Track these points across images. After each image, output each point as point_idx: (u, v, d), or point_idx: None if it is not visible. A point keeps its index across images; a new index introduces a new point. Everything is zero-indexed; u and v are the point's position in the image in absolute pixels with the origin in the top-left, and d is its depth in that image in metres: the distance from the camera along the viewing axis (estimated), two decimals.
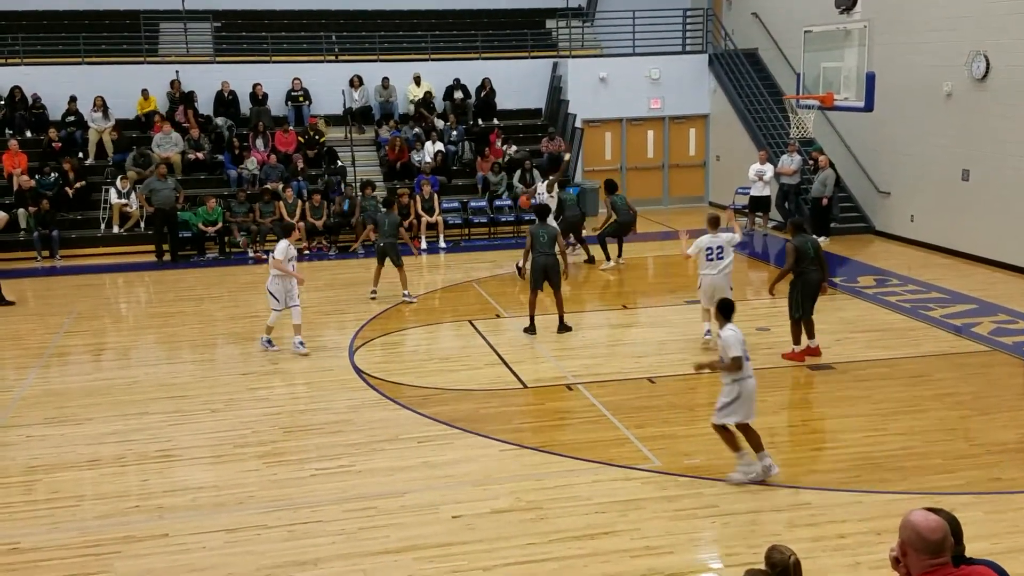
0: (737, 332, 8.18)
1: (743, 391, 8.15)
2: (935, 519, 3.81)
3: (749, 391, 8.19)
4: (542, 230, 12.91)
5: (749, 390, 8.19)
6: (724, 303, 8.47)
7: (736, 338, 8.11)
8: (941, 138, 17.42)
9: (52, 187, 19.30)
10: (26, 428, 10.00)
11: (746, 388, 8.16)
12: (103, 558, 7.26)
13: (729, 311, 8.35)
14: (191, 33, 23.05)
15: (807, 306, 11.48)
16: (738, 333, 8.18)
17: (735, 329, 8.20)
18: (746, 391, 8.16)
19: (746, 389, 8.16)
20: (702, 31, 24.36)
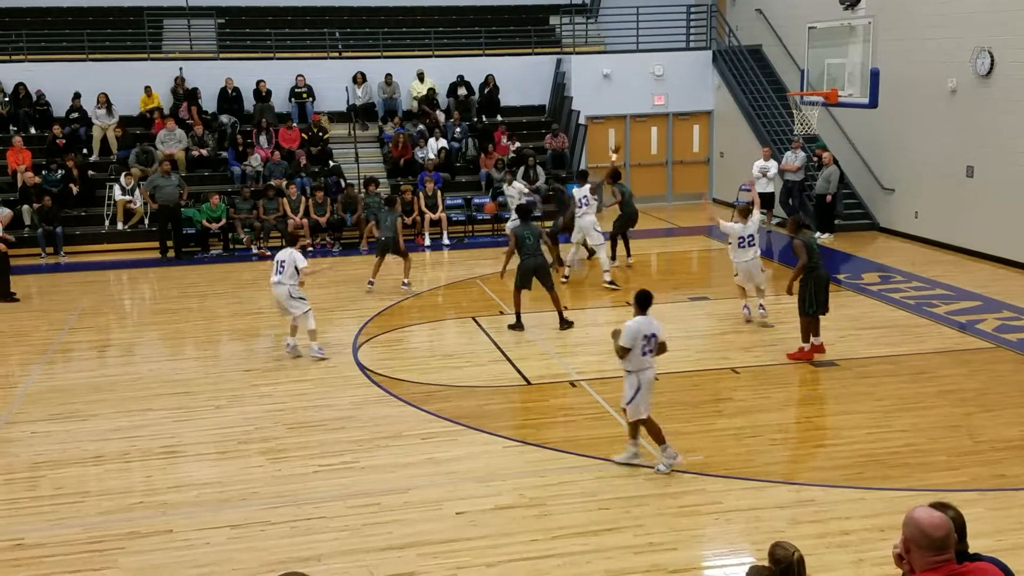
0: (642, 325, 8.23)
1: (642, 382, 8.30)
2: (938, 516, 3.81)
3: (647, 382, 8.35)
4: (527, 231, 12.83)
5: (647, 381, 8.35)
6: (642, 294, 8.50)
7: (636, 329, 8.18)
8: (945, 134, 17.39)
9: (57, 184, 19.33)
10: (30, 424, 10.02)
11: (644, 379, 8.33)
12: (107, 554, 7.28)
13: (645, 302, 8.41)
14: (195, 30, 23.06)
15: (821, 300, 11.36)
16: (643, 326, 8.23)
17: (640, 321, 8.26)
18: (645, 382, 8.33)
19: (644, 380, 8.33)
20: (706, 27, 24.33)
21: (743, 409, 10.03)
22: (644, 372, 8.31)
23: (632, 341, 8.17)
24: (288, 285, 11.80)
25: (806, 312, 11.37)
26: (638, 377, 8.30)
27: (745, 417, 9.82)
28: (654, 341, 8.31)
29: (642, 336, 8.20)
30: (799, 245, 11.31)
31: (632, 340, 8.16)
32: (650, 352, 8.30)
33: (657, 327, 8.36)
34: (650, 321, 8.32)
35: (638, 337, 8.18)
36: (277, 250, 18.59)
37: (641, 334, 8.19)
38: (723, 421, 9.73)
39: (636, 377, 8.30)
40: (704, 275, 17.63)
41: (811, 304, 11.32)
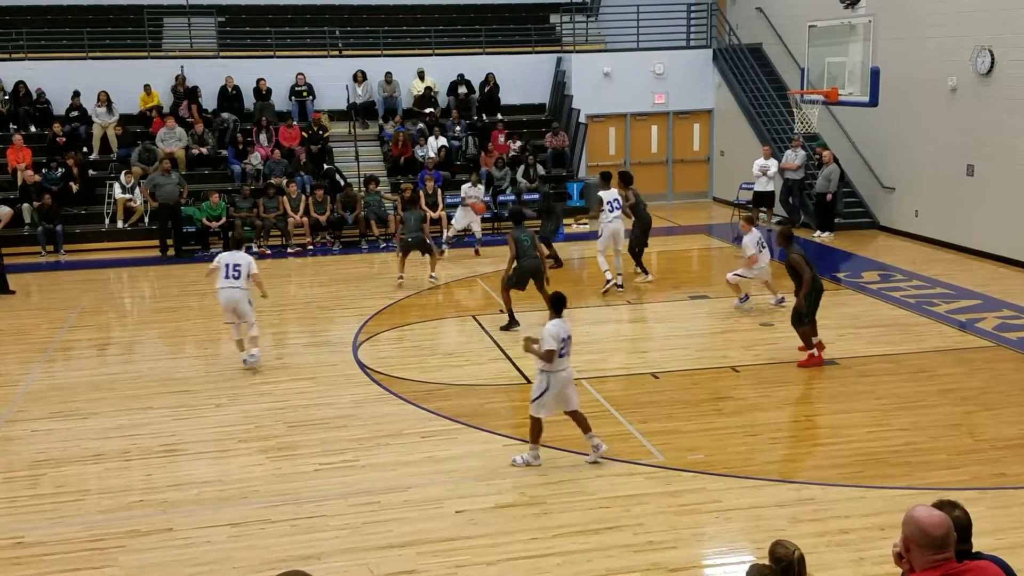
0: (560, 327, 8.30)
1: (551, 383, 8.32)
2: (939, 515, 3.81)
3: (559, 384, 8.37)
4: (524, 234, 12.86)
5: (559, 383, 8.37)
6: (556, 296, 8.62)
7: (555, 332, 8.24)
8: (946, 133, 17.38)
9: (57, 182, 19.33)
10: (31, 423, 10.02)
11: (555, 381, 8.35)
12: (107, 552, 7.28)
13: (560, 305, 8.51)
14: (195, 28, 23.06)
15: (814, 308, 11.24)
16: (561, 328, 8.29)
17: (558, 324, 8.32)
18: (555, 384, 8.35)
19: (556, 382, 8.35)
20: (706, 26, 24.33)
21: (743, 408, 10.03)
22: (557, 373, 8.35)
23: (556, 342, 8.23)
24: (245, 290, 11.39)
25: (805, 323, 11.22)
26: (549, 377, 8.33)
27: (745, 416, 9.82)
28: (569, 343, 8.40)
29: (560, 338, 8.27)
30: (799, 261, 11.06)
31: (556, 342, 8.23)
32: (566, 354, 8.37)
33: (570, 329, 8.46)
34: (565, 323, 8.42)
35: (558, 339, 8.25)
36: (277, 249, 18.85)
37: (560, 336, 8.27)
38: (723, 420, 9.73)
39: (547, 377, 8.34)
40: (704, 274, 17.64)
41: (809, 314, 11.20)
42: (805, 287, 10.99)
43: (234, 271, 11.38)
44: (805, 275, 10.98)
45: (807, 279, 10.97)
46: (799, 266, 11.03)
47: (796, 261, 11.05)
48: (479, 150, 21.75)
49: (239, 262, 11.42)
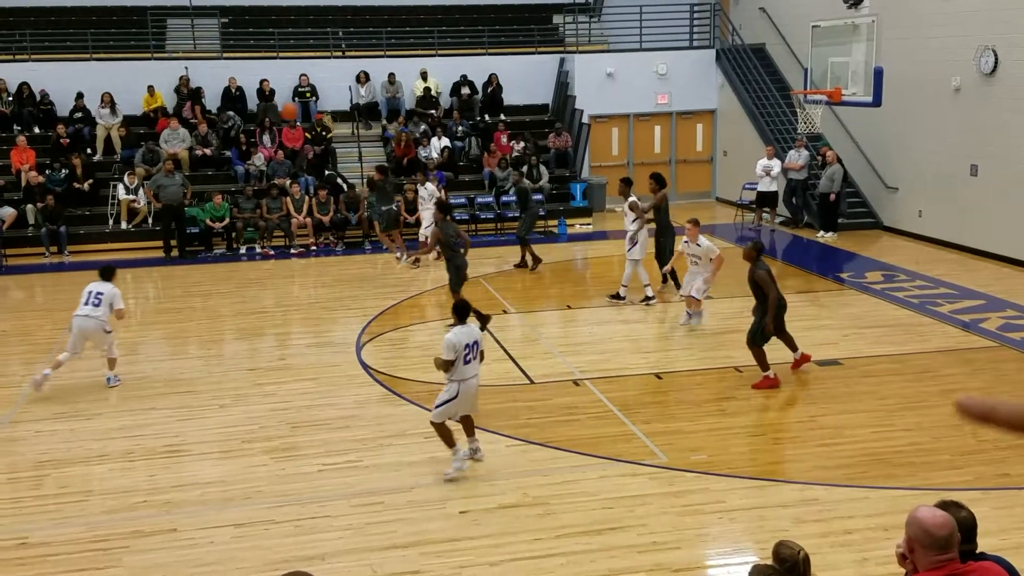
0: (461, 335, 8.22)
1: (461, 391, 8.26)
2: (942, 515, 3.81)
3: (468, 392, 8.31)
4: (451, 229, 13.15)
5: (468, 391, 8.31)
6: (459, 304, 8.48)
7: (454, 341, 8.13)
8: (949, 133, 17.36)
9: (62, 183, 19.36)
10: (35, 423, 10.04)
11: (465, 388, 8.28)
12: (111, 553, 7.29)
13: (463, 312, 8.38)
14: (198, 29, 23.08)
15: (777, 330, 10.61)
16: (462, 336, 8.21)
17: (459, 332, 8.23)
18: (464, 391, 8.29)
19: (465, 389, 8.28)
20: (709, 26, 24.32)
21: (747, 408, 10.03)
22: (466, 381, 8.26)
23: (454, 352, 8.13)
24: (102, 321, 10.97)
25: (758, 343, 10.54)
26: (459, 386, 8.26)
27: (749, 416, 9.82)
28: (476, 349, 8.30)
29: (463, 346, 8.17)
30: (765, 279, 10.35)
31: (454, 352, 8.12)
32: (473, 360, 8.29)
33: (478, 335, 8.37)
34: (470, 330, 8.32)
35: (459, 348, 8.15)
36: (280, 249, 18.86)
37: (462, 344, 8.17)
38: (726, 420, 9.72)
39: (458, 386, 8.26)
40: None
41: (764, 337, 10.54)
42: (771, 309, 10.34)
43: (95, 299, 10.98)
44: (771, 295, 10.33)
45: (772, 300, 10.34)
46: (765, 284, 10.35)
47: (762, 279, 10.37)
48: (482, 151, 21.75)
49: (102, 292, 11.00)
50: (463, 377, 8.24)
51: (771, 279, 10.37)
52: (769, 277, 10.37)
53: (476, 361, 8.35)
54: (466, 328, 8.32)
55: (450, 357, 8.12)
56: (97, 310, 10.97)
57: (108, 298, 11.05)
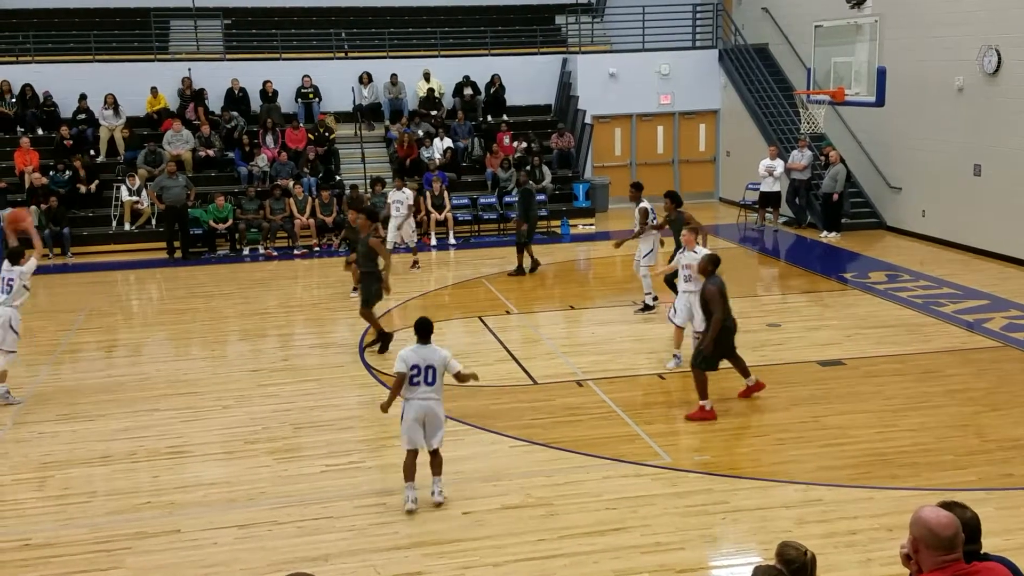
0: (410, 354, 7.75)
1: (406, 412, 7.80)
2: (946, 515, 3.80)
3: (413, 414, 7.75)
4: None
5: (414, 413, 7.75)
6: (419, 322, 7.95)
7: (403, 359, 7.74)
8: (953, 133, 17.34)
9: (65, 185, 19.39)
10: (38, 424, 10.04)
11: (409, 410, 7.78)
12: (114, 554, 7.29)
13: (423, 331, 7.87)
14: (201, 31, 23.11)
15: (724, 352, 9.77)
16: (412, 356, 7.73)
17: (413, 350, 7.79)
18: (409, 413, 7.77)
19: (409, 411, 7.77)
20: (712, 26, 24.31)
21: (750, 409, 10.02)
22: (410, 402, 7.76)
23: (404, 365, 7.73)
24: (12, 309, 10.40)
25: (701, 365, 9.66)
26: (404, 405, 7.81)
27: (752, 416, 9.81)
28: (432, 373, 7.75)
29: (411, 365, 7.72)
30: (714, 295, 9.49)
31: (403, 364, 7.73)
32: (425, 384, 7.74)
33: (439, 357, 7.80)
34: (431, 351, 7.81)
35: (407, 364, 7.72)
36: (283, 250, 18.87)
37: (409, 363, 7.72)
38: (729, 420, 9.71)
39: (403, 405, 7.81)
40: None
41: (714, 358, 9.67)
42: (713, 329, 9.48)
43: (7, 285, 10.41)
44: (716, 314, 9.45)
45: (716, 320, 9.46)
46: (712, 301, 9.50)
47: (710, 295, 9.53)
48: (484, 151, 21.75)
49: (11, 277, 10.43)
50: (407, 397, 7.78)
51: (720, 297, 9.48)
52: (719, 294, 9.49)
53: (428, 386, 7.76)
54: (422, 348, 7.81)
55: (400, 368, 7.73)
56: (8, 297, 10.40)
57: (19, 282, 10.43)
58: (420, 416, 7.78)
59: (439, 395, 7.86)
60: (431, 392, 7.79)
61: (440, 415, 7.88)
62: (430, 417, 7.81)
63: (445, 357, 7.87)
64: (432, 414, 7.82)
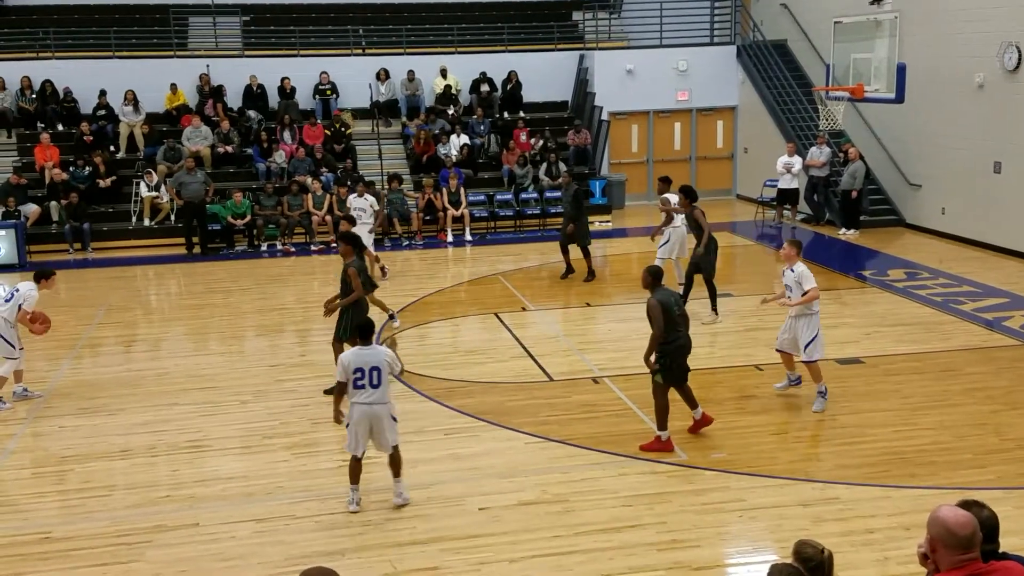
0: (353, 357, 7.57)
1: (354, 416, 7.63)
2: (964, 514, 3.79)
3: (360, 418, 7.61)
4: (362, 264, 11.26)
5: (360, 417, 7.61)
6: (362, 323, 8.00)
7: (346, 363, 7.56)
8: (973, 130, 17.22)
9: (85, 180, 19.53)
10: (59, 418, 10.14)
11: (357, 414, 7.62)
12: (134, 547, 7.36)
13: (365, 332, 7.79)
14: (220, 27, 23.21)
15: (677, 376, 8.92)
16: (356, 359, 7.55)
17: (355, 353, 7.63)
18: (357, 417, 7.62)
19: (357, 415, 7.62)
20: (730, 22, 24.21)
21: (767, 406, 9.99)
22: (355, 406, 7.60)
23: (344, 375, 7.58)
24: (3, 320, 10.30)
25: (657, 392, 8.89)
26: (353, 409, 7.65)
27: (769, 414, 9.78)
28: (377, 374, 7.56)
29: (353, 368, 7.54)
30: (653, 309, 8.64)
31: (344, 374, 7.59)
32: (366, 385, 7.56)
33: (382, 358, 7.62)
34: (373, 352, 7.65)
35: (348, 369, 7.55)
36: (301, 246, 18.94)
37: (353, 367, 7.54)
38: (747, 418, 9.69)
39: (352, 409, 7.66)
40: (727, 271, 17.52)
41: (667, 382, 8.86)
42: (651, 345, 8.73)
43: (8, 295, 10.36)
44: (654, 330, 8.68)
45: (654, 337, 8.69)
46: (653, 316, 8.67)
47: (650, 308, 8.70)
48: (501, 148, 21.76)
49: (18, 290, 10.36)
50: (352, 400, 7.63)
51: (660, 313, 8.60)
52: (660, 309, 8.61)
53: (373, 388, 7.56)
54: (365, 350, 7.64)
55: (341, 378, 7.63)
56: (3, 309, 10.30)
57: (20, 297, 10.34)
58: (366, 420, 7.63)
59: (386, 397, 7.68)
60: (376, 395, 7.60)
61: (386, 418, 7.69)
62: (375, 421, 7.65)
63: (390, 356, 7.73)
64: (377, 418, 7.64)
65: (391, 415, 7.78)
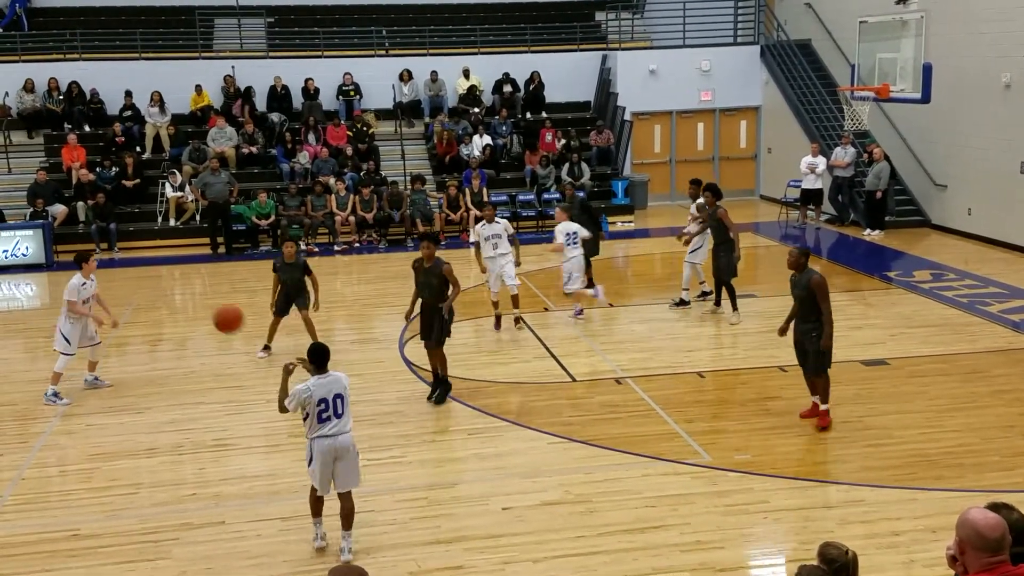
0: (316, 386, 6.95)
1: (315, 452, 7.02)
2: (994, 517, 3.77)
3: (324, 454, 6.99)
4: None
5: (324, 453, 6.99)
6: (314, 349, 7.21)
7: (302, 395, 6.92)
8: (999, 130, 17.07)
9: (112, 181, 19.71)
10: (86, 417, 10.24)
11: (319, 449, 7.00)
12: (161, 544, 7.42)
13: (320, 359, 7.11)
14: (245, 29, 23.37)
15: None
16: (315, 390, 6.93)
17: (313, 384, 6.98)
18: (319, 453, 7.00)
19: (320, 451, 7.00)
20: (754, 22, 24.10)
21: (791, 408, 9.93)
22: (317, 441, 6.99)
23: (297, 405, 6.98)
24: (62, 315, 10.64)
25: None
26: (311, 446, 7.05)
27: (793, 416, 9.72)
28: (340, 402, 7.01)
29: (317, 400, 6.93)
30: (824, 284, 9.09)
31: (297, 405, 6.97)
32: (331, 417, 6.97)
33: (343, 384, 7.09)
34: (333, 380, 7.05)
35: (305, 400, 6.93)
36: (324, 246, 19.03)
37: (315, 397, 6.92)
38: (771, 420, 9.65)
39: (310, 445, 7.09)
40: (751, 272, 17.45)
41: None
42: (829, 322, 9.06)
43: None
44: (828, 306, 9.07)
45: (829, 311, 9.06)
46: (823, 292, 9.09)
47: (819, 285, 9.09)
48: (524, 148, 21.77)
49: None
50: (315, 435, 7.00)
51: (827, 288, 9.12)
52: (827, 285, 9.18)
53: (338, 418, 7.00)
54: (328, 378, 7.04)
55: (292, 408, 7.01)
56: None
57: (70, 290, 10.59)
58: (332, 454, 7.02)
59: (348, 426, 7.10)
60: (341, 424, 7.04)
61: (353, 448, 7.16)
62: (342, 452, 7.05)
63: (347, 381, 7.19)
64: (344, 448, 7.06)
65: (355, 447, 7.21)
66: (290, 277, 12.06)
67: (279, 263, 12.17)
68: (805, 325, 9.26)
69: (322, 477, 7.08)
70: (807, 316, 9.22)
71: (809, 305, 9.16)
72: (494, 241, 12.80)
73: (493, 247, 12.78)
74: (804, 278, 9.21)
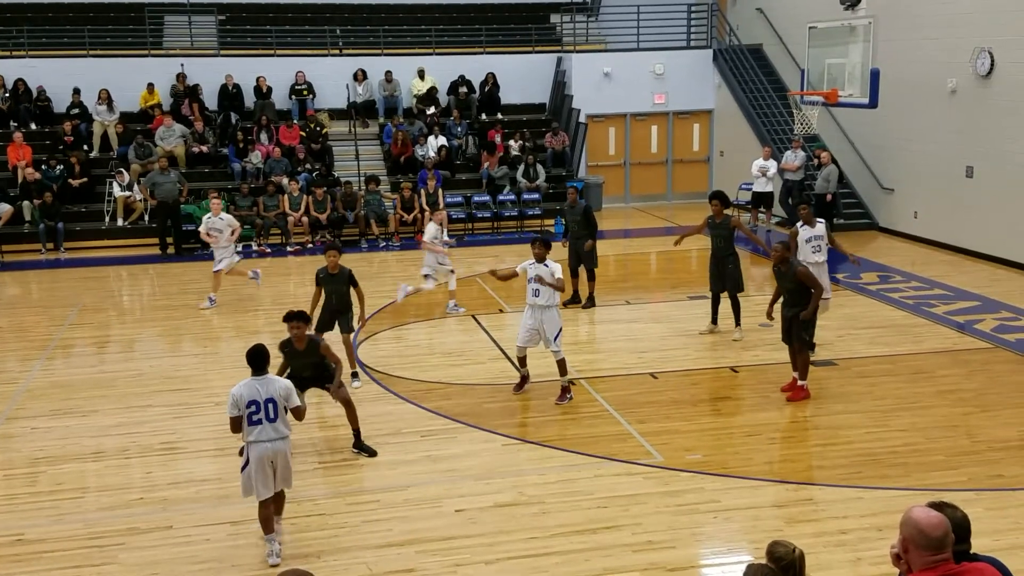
0: (245, 390, 6.91)
1: (251, 458, 6.94)
2: (936, 516, 3.83)
3: (260, 459, 6.91)
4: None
5: (260, 458, 6.91)
6: (252, 352, 7.08)
7: (236, 397, 6.88)
8: (945, 135, 17.41)
9: (57, 179, 19.34)
10: (31, 420, 10.04)
11: (255, 454, 6.92)
12: (107, 550, 7.30)
13: (257, 361, 7.03)
14: (195, 26, 23.07)
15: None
16: (248, 391, 6.90)
17: (245, 386, 6.95)
18: (256, 458, 6.91)
19: (256, 456, 6.92)
20: (707, 26, 24.35)
21: (742, 408, 10.06)
22: (256, 445, 6.90)
23: (235, 409, 6.90)
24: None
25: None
26: (246, 451, 6.99)
27: (744, 416, 9.85)
28: (272, 407, 6.91)
29: (246, 402, 6.86)
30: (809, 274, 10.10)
31: (235, 408, 6.90)
32: (267, 420, 6.91)
33: (277, 388, 6.98)
34: (267, 382, 6.98)
35: (239, 404, 6.88)
36: (276, 247, 18.84)
37: (245, 401, 6.86)
38: (721, 420, 9.76)
39: (246, 449, 6.99)
40: (703, 274, 17.58)
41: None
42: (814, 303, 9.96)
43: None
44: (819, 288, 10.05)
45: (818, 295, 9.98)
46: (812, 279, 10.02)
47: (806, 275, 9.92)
48: (479, 149, 21.76)
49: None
50: (250, 439, 6.93)
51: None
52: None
53: (271, 423, 6.91)
54: (257, 381, 6.96)
55: (231, 413, 6.95)
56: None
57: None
58: (268, 460, 6.93)
59: (286, 430, 7.02)
60: (275, 429, 6.95)
61: (288, 454, 7.08)
62: (280, 458, 6.98)
63: (285, 388, 7.04)
64: (281, 454, 6.98)
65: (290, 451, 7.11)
66: (335, 290, 10.95)
67: (322, 273, 11.01)
68: (794, 309, 10.02)
69: (256, 483, 6.97)
70: (796, 301, 9.99)
71: (799, 293, 9.96)
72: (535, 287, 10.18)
73: (535, 293, 10.19)
74: (791, 271, 9.96)
